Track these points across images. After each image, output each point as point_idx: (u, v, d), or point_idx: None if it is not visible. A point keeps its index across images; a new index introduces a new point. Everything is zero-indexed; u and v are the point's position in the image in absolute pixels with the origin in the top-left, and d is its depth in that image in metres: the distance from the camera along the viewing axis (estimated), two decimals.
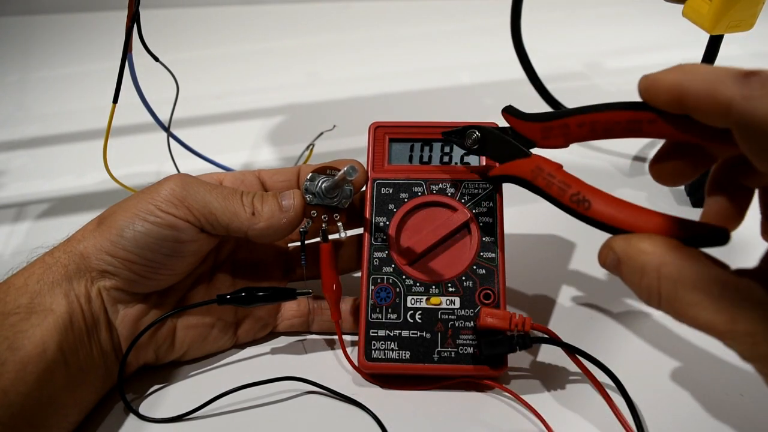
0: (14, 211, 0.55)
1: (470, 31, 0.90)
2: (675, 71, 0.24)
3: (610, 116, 0.28)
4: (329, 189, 0.36)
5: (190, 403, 0.34)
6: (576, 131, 0.30)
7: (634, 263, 0.25)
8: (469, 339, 0.35)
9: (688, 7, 0.42)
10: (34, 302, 0.31)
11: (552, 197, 0.30)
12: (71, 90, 0.78)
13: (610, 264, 0.27)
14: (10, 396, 0.28)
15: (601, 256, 0.27)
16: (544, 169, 0.31)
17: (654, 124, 0.27)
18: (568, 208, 0.30)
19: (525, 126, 0.33)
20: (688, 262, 0.24)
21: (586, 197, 0.29)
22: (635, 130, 0.28)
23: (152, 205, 0.33)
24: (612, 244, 0.26)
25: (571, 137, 0.31)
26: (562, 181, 0.30)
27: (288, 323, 0.39)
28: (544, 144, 0.32)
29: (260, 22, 0.97)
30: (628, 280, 0.26)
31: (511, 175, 0.33)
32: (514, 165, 0.33)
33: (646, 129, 0.27)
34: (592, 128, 0.29)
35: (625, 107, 0.28)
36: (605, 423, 0.33)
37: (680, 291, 0.23)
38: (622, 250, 0.26)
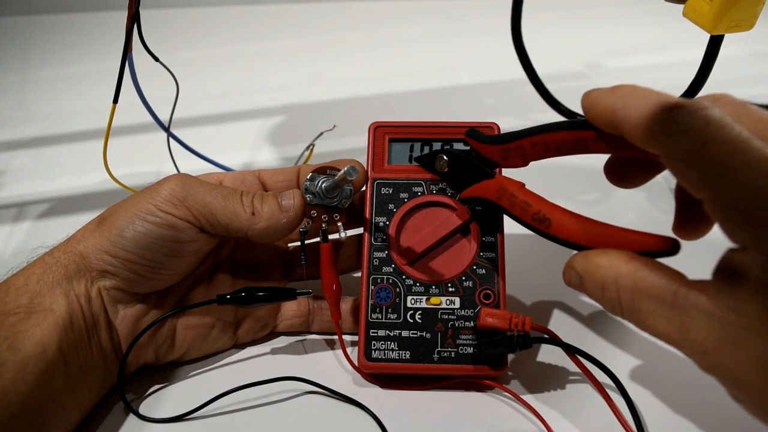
0: (14, 211, 0.55)
1: (470, 31, 0.90)
2: (611, 95, 0.25)
3: (559, 136, 0.30)
4: (329, 189, 0.36)
5: (190, 403, 0.34)
6: (531, 151, 0.31)
7: (594, 279, 0.26)
8: (469, 339, 0.35)
9: (689, 7, 0.42)
10: (34, 302, 0.31)
11: (515, 216, 0.32)
12: (71, 90, 0.78)
13: (574, 282, 0.28)
14: (9, 396, 0.28)
15: (565, 276, 0.28)
16: (508, 190, 0.32)
17: (598, 142, 0.28)
18: (531, 227, 0.31)
19: (486, 149, 0.34)
20: (643, 273, 0.25)
21: (546, 216, 0.30)
22: (584, 147, 0.29)
23: (152, 205, 0.33)
24: (572, 263, 0.28)
25: (527, 157, 0.32)
26: (523, 200, 0.31)
27: (288, 323, 0.39)
28: (504, 164, 0.34)
29: (260, 22, 0.97)
30: (592, 296, 0.27)
31: (478, 197, 0.34)
32: (480, 187, 0.34)
33: (592, 146, 0.29)
34: (545, 148, 0.30)
35: (569, 127, 0.29)
36: (605, 423, 0.33)
37: (637, 301, 0.24)
38: (582, 268, 0.27)
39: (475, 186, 0.35)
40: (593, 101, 0.27)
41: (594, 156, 0.31)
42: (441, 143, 0.39)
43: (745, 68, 0.72)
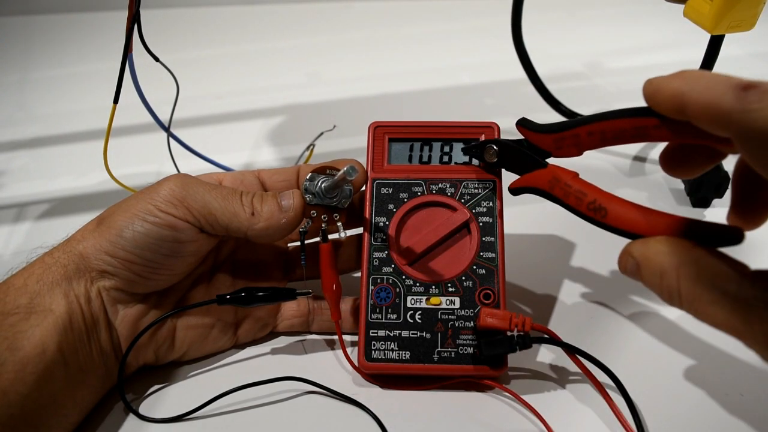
0: (14, 211, 0.55)
1: (470, 31, 0.90)
2: (677, 79, 0.25)
3: (618, 124, 0.29)
4: (329, 189, 0.36)
5: (190, 403, 0.34)
6: (587, 140, 0.31)
7: (653, 266, 0.25)
8: (469, 339, 0.35)
9: (689, 7, 0.42)
10: (33, 302, 0.31)
11: (570, 206, 0.31)
12: (71, 90, 0.78)
13: (630, 269, 0.27)
14: (9, 396, 0.28)
15: (621, 262, 0.27)
16: (561, 179, 0.32)
17: (660, 129, 0.27)
18: (586, 217, 0.30)
19: (538, 138, 0.33)
20: (706, 261, 0.24)
21: (602, 205, 0.29)
22: (643, 135, 0.28)
23: (151, 206, 0.33)
24: (630, 249, 0.27)
25: (583, 146, 0.31)
26: (578, 190, 0.31)
27: (288, 323, 0.39)
28: (558, 154, 0.33)
29: (260, 22, 0.97)
30: (648, 283, 0.26)
31: (529, 186, 0.34)
32: (532, 177, 0.33)
33: (652, 134, 0.28)
34: (602, 136, 0.30)
35: (631, 114, 0.28)
36: (605, 423, 0.33)
37: (698, 290, 0.24)
38: (641, 254, 0.26)
39: (527, 176, 0.34)
40: (657, 86, 0.26)
41: (594, 156, 0.31)
42: (440, 143, 0.39)
43: (746, 68, 0.72)
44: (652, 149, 0.58)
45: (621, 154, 0.57)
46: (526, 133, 0.34)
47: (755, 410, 0.33)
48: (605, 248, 0.46)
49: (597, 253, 0.45)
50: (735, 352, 0.37)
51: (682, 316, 0.39)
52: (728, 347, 0.37)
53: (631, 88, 0.71)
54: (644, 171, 0.55)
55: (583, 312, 0.40)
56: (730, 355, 0.37)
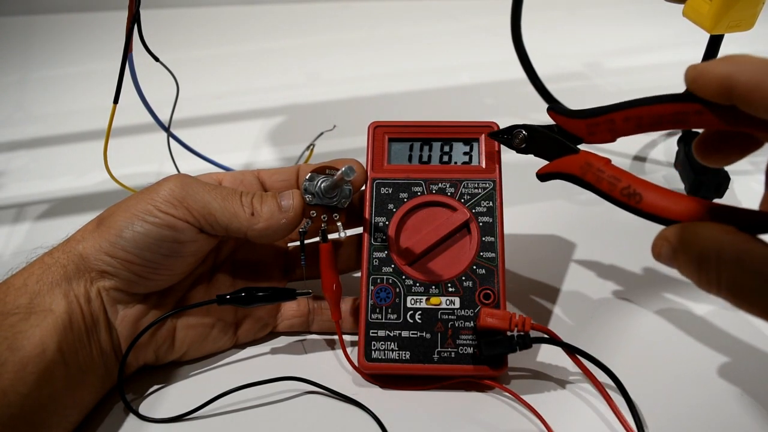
0: (14, 211, 0.55)
1: (470, 31, 0.90)
2: (724, 62, 0.24)
3: (656, 109, 0.28)
4: (328, 189, 0.36)
5: (190, 403, 0.34)
6: (622, 126, 0.30)
7: (692, 250, 0.24)
8: (469, 339, 0.35)
9: (689, 7, 0.42)
10: (33, 302, 0.31)
11: (602, 192, 0.30)
12: (71, 90, 0.78)
13: (666, 254, 0.26)
14: (9, 396, 0.28)
15: (656, 247, 0.26)
16: (594, 165, 0.31)
17: (701, 115, 0.26)
18: (619, 202, 0.29)
19: (571, 123, 0.32)
20: (748, 246, 0.23)
21: (636, 190, 0.28)
22: (682, 121, 0.27)
23: (151, 206, 0.33)
24: (666, 234, 0.26)
25: (617, 132, 0.30)
26: (611, 175, 0.30)
27: (288, 323, 0.39)
28: (590, 140, 0.32)
29: (260, 22, 0.97)
30: (685, 269, 0.25)
31: (560, 171, 0.33)
32: (562, 162, 0.32)
33: (693, 120, 0.27)
34: (638, 122, 0.29)
35: (671, 99, 0.28)
36: (605, 423, 0.33)
37: (740, 276, 0.23)
38: (679, 239, 0.25)
39: (557, 161, 0.33)
40: (701, 70, 0.25)
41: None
42: (440, 143, 0.39)
43: None
44: (652, 149, 0.58)
45: (621, 154, 0.57)
46: (557, 119, 0.33)
47: (755, 410, 0.33)
48: (605, 248, 0.46)
49: (597, 253, 0.45)
50: (735, 352, 0.37)
51: (683, 316, 0.40)
52: (728, 347, 0.37)
53: (631, 88, 0.71)
54: (644, 171, 0.55)
55: (583, 312, 0.40)
56: (731, 355, 0.37)
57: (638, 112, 0.29)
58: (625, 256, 0.45)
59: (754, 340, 0.37)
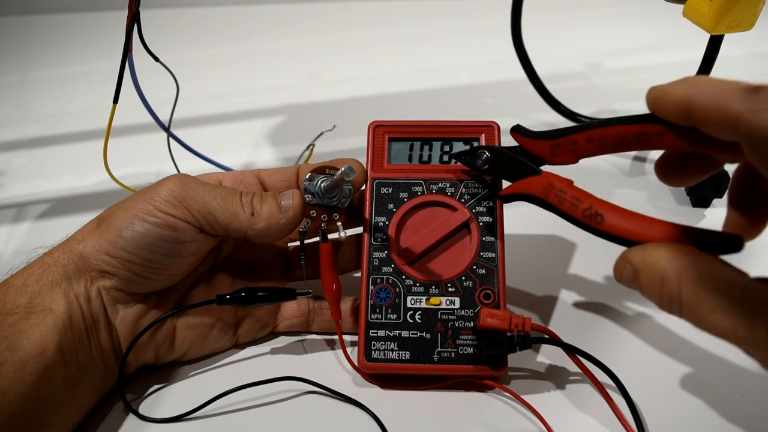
0: (14, 211, 0.55)
1: (470, 31, 0.90)
2: (683, 84, 0.24)
3: (618, 130, 0.29)
4: (328, 189, 0.36)
5: (190, 403, 0.34)
6: (585, 147, 0.30)
7: (653, 272, 0.25)
8: (469, 339, 0.35)
9: (689, 7, 0.42)
10: (33, 302, 0.31)
11: (564, 213, 0.31)
12: (71, 90, 0.78)
13: (627, 277, 0.26)
14: (9, 396, 0.28)
15: (617, 269, 0.27)
16: (556, 186, 0.31)
17: (662, 137, 0.27)
18: (581, 223, 0.30)
19: (534, 144, 0.33)
20: (708, 266, 0.23)
21: (598, 211, 0.29)
22: (644, 142, 0.28)
23: (151, 206, 0.33)
24: (628, 256, 0.26)
25: (580, 153, 0.31)
26: (573, 196, 0.30)
27: (288, 323, 0.39)
28: (553, 161, 0.32)
29: (260, 22, 0.97)
30: (647, 290, 0.25)
31: (522, 193, 0.33)
32: (525, 183, 0.33)
33: (654, 141, 0.27)
34: (600, 143, 0.30)
35: (632, 121, 0.28)
36: (605, 423, 0.33)
37: (701, 296, 0.23)
38: (640, 261, 0.25)
39: (519, 182, 0.33)
40: (662, 92, 0.25)
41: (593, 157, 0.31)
42: (440, 142, 0.39)
43: (745, 68, 0.72)
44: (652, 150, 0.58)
45: (621, 154, 0.57)
46: (520, 140, 0.34)
47: (755, 410, 0.33)
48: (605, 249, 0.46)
49: (597, 253, 0.45)
50: (735, 352, 0.37)
51: None
52: (728, 347, 0.37)
53: (630, 88, 0.71)
54: (644, 171, 0.55)
55: (583, 312, 0.40)
56: (731, 355, 0.37)
57: (600, 133, 0.29)
58: None
59: None
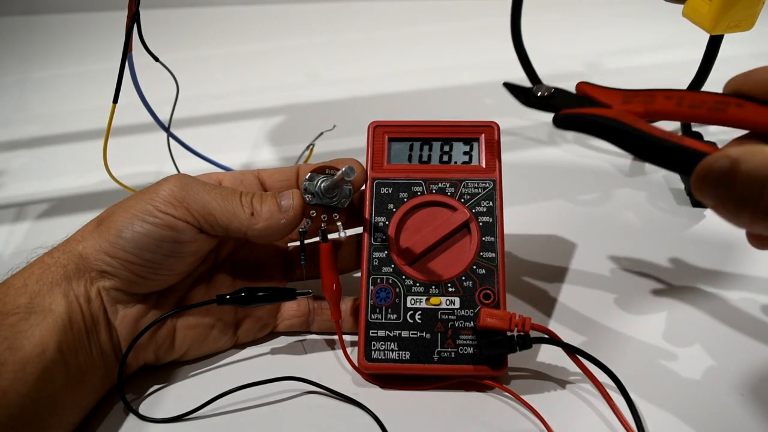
0: (14, 211, 0.55)
1: (470, 31, 0.90)
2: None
3: (699, 95, 0.28)
4: (328, 189, 0.36)
5: (190, 403, 0.34)
6: (660, 103, 0.29)
7: (760, 162, 0.22)
8: (469, 339, 0.35)
9: (688, 7, 0.42)
10: (33, 302, 0.31)
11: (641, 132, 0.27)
12: (71, 90, 0.78)
13: (719, 169, 0.23)
14: (9, 396, 0.28)
15: (708, 161, 0.23)
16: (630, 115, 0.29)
17: (741, 108, 0.27)
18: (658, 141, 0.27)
19: (603, 92, 0.31)
20: None
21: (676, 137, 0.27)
22: (721, 110, 0.27)
23: (151, 206, 0.33)
24: (726, 149, 0.23)
25: (652, 107, 0.29)
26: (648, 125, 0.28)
27: (288, 323, 0.39)
28: (622, 108, 0.30)
29: (260, 22, 0.97)
30: (745, 187, 0.22)
31: (590, 114, 0.29)
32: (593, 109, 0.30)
33: (732, 112, 0.27)
34: (678, 102, 0.29)
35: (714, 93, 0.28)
36: (605, 423, 0.33)
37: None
38: (745, 150, 0.22)
39: (588, 108, 0.30)
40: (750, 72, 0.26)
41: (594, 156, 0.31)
42: (440, 142, 0.39)
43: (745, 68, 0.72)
44: None
45: (621, 154, 0.57)
46: (588, 88, 0.31)
47: (755, 410, 0.33)
48: (606, 248, 0.46)
49: (597, 253, 0.45)
50: (735, 352, 0.37)
51: (683, 316, 0.40)
52: (728, 347, 0.37)
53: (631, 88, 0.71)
54: (644, 171, 0.55)
55: (583, 312, 0.40)
56: (731, 355, 0.37)
57: (681, 93, 0.29)
58: (625, 256, 0.45)
59: (755, 340, 0.37)
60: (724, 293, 0.41)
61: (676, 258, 0.44)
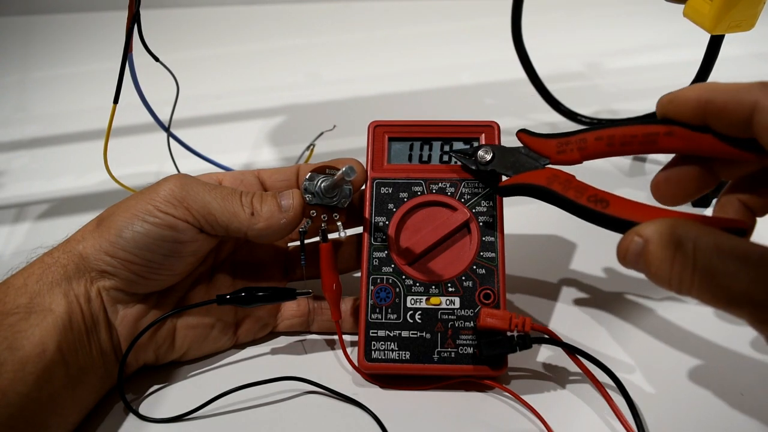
0: (14, 211, 0.55)
1: (470, 31, 0.90)
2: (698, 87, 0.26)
3: (627, 130, 0.29)
4: (328, 188, 0.36)
5: (190, 403, 0.34)
6: (593, 145, 0.31)
7: (667, 239, 0.24)
8: (469, 339, 0.35)
9: (689, 7, 0.42)
10: (33, 302, 0.31)
11: (569, 200, 0.31)
12: (71, 90, 0.78)
13: (634, 250, 0.25)
14: (9, 396, 0.28)
15: (623, 244, 0.26)
16: (560, 176, 0.32)
17: (671, 137, 0.28)
18: (585, 210, 0.30)
19: (539, 143, 0.33)
20: (723, 236, 0.24)
21: (603, 197, 0.30)
22: (652, 142, 0.29)
23: (151, 206, 0.33)
24: (638, 229, 0.25)
25: (587, 151, 0.32)
26: (579, 184, 0.31)
27: (288, 323, 0.39)
28: (558, 159, 0.33)
29: (260, 22, 0.97)
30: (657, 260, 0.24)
31: (524, 183, 0.33)
32: (527, 175, 0.33)
33: (662, 142, 0.28)
34: (609, 141, 0.30)
35: (641, 121, 0.29)
36: (605, 423, 0.33)
37: (716, 261, 0.23)
38: (653, 231, 0.25)
39: (521, 175, 0.33)
40: (676, 94, 0.27)
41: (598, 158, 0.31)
42: (440, 142, 0.39)
43: (746, 68, 0.72)
44: None
45: None
46: (526, 139, 0.34)
47: (755, 409, 0.33)
48: (605, 248, 0.46)
49: (597, 253, 0.45)
50: (735, 351, 0.37)
51: (683, 316, 0.39)
52: (728, 347, 0.37)
53: (631, 88, 0.71)
54: (644, 171, 0.55)
55: (583, 312, 0.40)
56: (731, 355, 0.37)
57: (610, 132, 0.30)
58: None
59: (754, 340, 0.37)
60: None
61: None
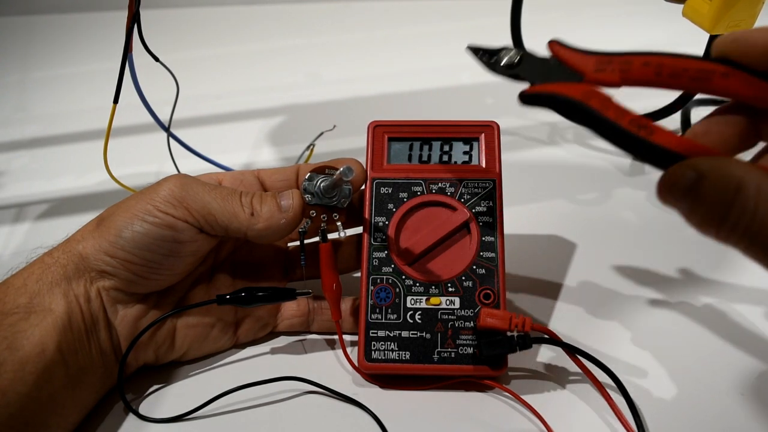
0: (14, 211, 0.55)
1: (470, 31, 0.90)
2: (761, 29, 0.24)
3: (679, 62, 0.26)
4: (328, 189, 0.36)
5: (190, 403, 0.34)
6: (638, 69, 0.27)
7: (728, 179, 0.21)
8: (469, 339, 0.35)
9: (688, 7, 0.42)
10: (33, 302, 0.31)
11: (607, 120, 0.26)
12: (71, 90, 0.78)
13: (685, 183, 0.23)
14: (8, 396, 0.28)
15: (671, 176, 0.23)
16: (599, 94, 0.26)
17: (726, 78, 0.25)
18: (626, 134, 0.25)
19: (576, 57, 0.28)
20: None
21: (647, 125, 0.25)
22: (704, 80, 0.25)
23: (151, 206, 0.33)
24: (694, 162, 0.23)
25: (630, 74, 0.27)
26: (619, 105, 0.26)
27: (288, 323, 0.39)
28: (595, 77, 0.27)
29: (260, 22, 0.97)
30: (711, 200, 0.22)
31: (555, 93, 0.27)
32: (561, 85, 0.27)
33: (716, 82, 0.25)
34: (657, 70, 0.26)
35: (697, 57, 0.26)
36: (605, 423, 0.33)
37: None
38: (711, 166, 0.22)
39: (554, 84, 0.27)
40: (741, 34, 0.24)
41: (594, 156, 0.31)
42: (440, 142, 0.39)
43: None
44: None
45: (621, 154, 0.57)
46: (559, 51, 0.28)
47: (755, 410, 0.33)
48: (605, 248, 0.46)
49: (597, 253, 0.45)
50: (735, 351, 0.37)
51: (683, 315, 0.39)
52: (729, 347, 0.37)
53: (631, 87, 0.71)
54: (644, 171, 0.55)
55: (583, 312, 0.40)
56: (731, 355, 0.37)
57: (660, 60, 0.27)
58: (625, 256, 0.45)
59: (755, 340, 0.37)
60: (724, 293, 0.41)
61: (676, 258, 0.44)
